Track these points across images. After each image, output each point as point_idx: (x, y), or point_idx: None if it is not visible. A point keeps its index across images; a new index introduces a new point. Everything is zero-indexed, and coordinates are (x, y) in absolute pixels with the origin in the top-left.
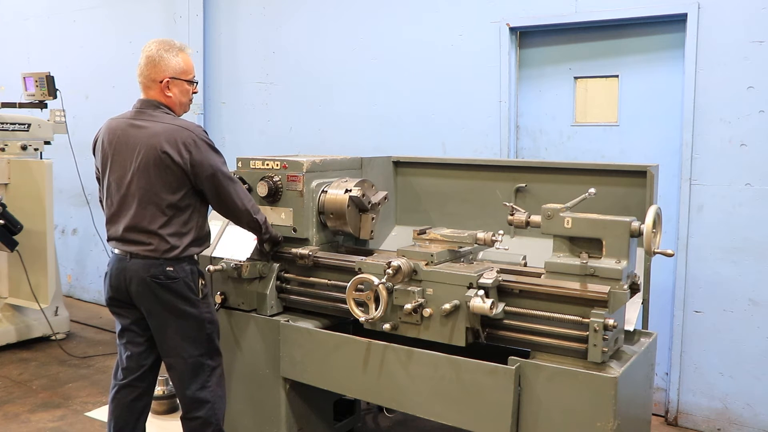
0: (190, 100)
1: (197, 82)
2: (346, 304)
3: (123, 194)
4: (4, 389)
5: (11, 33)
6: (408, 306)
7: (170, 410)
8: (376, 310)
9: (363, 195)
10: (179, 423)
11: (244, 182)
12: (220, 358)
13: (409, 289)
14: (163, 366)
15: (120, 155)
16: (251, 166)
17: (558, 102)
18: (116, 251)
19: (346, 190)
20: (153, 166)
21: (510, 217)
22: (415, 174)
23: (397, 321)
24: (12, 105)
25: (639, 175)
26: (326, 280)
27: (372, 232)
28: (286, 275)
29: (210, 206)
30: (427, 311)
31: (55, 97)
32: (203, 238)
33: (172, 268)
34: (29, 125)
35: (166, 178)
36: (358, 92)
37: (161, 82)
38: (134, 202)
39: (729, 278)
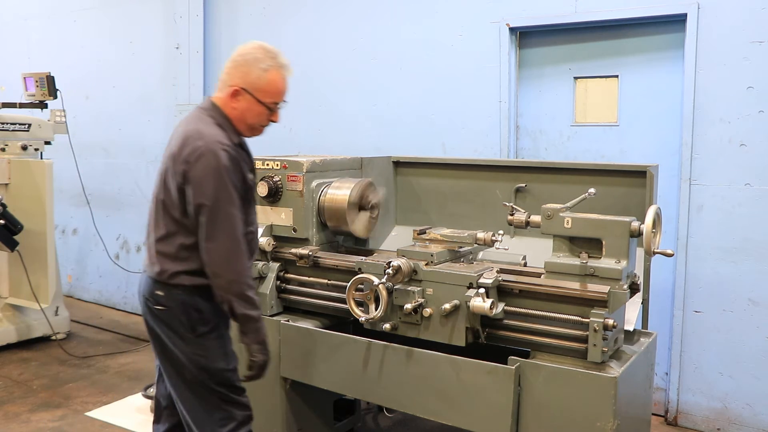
0: (263, 126)
1: (280, 107)
2: (346, 304)
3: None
4: (5, 389)
5: (11, 33)
6: (408, 306)
7: None
8: (376, 310)
9: (363, 195)
10: None
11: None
12: (234, 410)
13: (409, 289)
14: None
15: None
16: None
17: (558, 102)
18: None
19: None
20: (164, 171)
21: (510, 217)
22: (415, 174)
23: (397, 321)
24: (12, 105)
25: (639, 175)
26: (326, 280)
27: (371, 230)
28: (286, 275)
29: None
30: (427, 311)
31: (55, 97)
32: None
33: (162, 293)
34: (29, 125)
35: (170, 188)
36: (357, 92)
37: (231, 87)
38: (152, 209)
39: (729, 278)
